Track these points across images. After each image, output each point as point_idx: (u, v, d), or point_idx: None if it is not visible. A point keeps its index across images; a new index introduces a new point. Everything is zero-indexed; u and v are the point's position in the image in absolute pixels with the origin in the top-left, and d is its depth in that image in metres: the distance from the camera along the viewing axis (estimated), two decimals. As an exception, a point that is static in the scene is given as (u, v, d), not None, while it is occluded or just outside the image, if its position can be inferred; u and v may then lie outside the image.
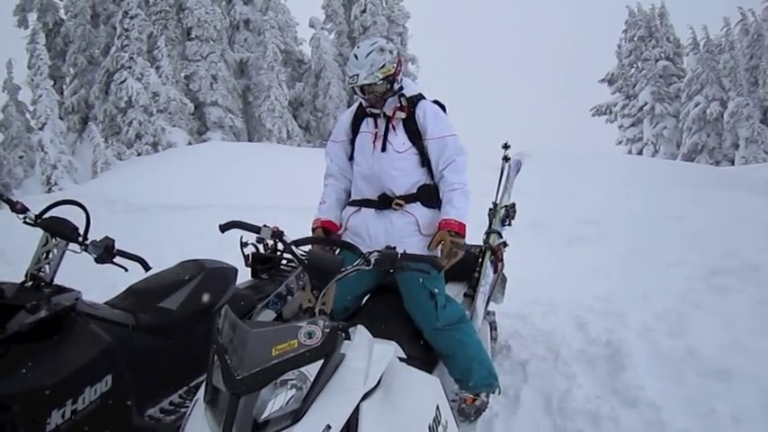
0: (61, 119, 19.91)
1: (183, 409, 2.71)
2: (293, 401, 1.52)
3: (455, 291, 3.54)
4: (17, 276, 2.52)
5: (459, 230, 2.64)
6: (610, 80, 31.44)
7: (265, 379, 1.50)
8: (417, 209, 2.80)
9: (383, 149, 2.77)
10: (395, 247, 2.03)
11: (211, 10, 22.89)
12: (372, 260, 1.96)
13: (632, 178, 10.70)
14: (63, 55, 23.18)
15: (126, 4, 20.04)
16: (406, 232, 2.75)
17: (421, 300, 2.66)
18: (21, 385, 2.05)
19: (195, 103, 22.34)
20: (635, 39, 29.88)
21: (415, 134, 2.79)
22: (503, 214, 3.88)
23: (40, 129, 17.79)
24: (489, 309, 3.74)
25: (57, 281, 2.53)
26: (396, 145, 2.78)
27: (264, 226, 2.12)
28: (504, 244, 3.85)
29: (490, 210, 3.91)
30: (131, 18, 20.00)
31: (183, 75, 22.95)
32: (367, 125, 2.85)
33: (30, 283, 2.45)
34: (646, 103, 28.91)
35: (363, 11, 26.38)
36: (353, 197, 2.93)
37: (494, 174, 4.19)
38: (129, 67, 19.76)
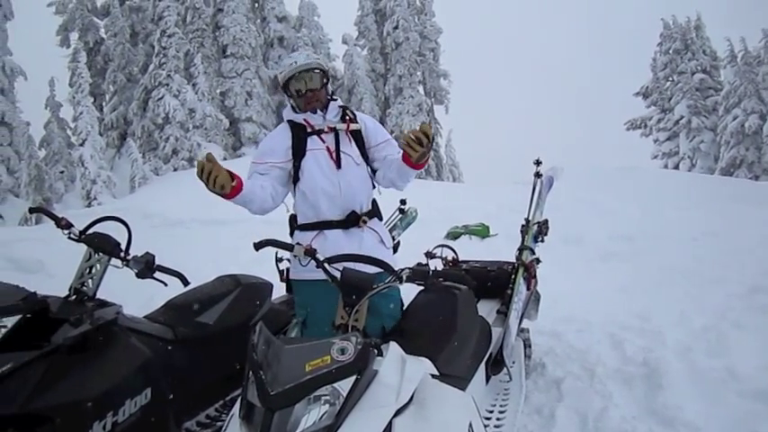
0: (101, 135, 20.45)
1: (219, 423, 2.75)
2: (326, 417, 1.53)
3: (488, 308, 3.54)
4: (58, 288, 2.60)
5: None
6: (645, 93, 31.03)
7: (299, 394, 1.51)
8: (377, 223, 2.79)
9: (339, 166, 2.66)
10: (427, 264, 2.04)
11: (246, 28, 23.35)
12: (404, 277, 1.98)
13: (668, 193, 10.56)
14: (103, 73, 23.86)
15: (164, 23, 20.58)
16: (375, 248, 2.67)
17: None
18: (63, 397, 2.09)
19: (230, 119, 22.75)
20: (670, 51, 29.49)
21: (362, 146, 2.75)
22: (535, 231, 3.87)
23: (81, 145, 18.28)
24: (523, 326, 3.72)
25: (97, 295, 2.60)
26: (354, 157, 2.71)
27: (298, 244, 2.15)
28: (537, 260, 3.83)
29: (523, 226, 3.90)
30: (169, 36, 20.53)
31: (218, 91, 23.40)
32: (314, 143, 2.69)
33: (73, 297, 2.52)
34: (682, 117, 28.44)
35: (396, 27, 26.61)
36: (309, 220, 2.71)
37: (525, 190, 4.18)
38: (167, 84, 20.25)
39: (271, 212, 2.70)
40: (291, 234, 2.81)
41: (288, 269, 3.27)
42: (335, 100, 2.79)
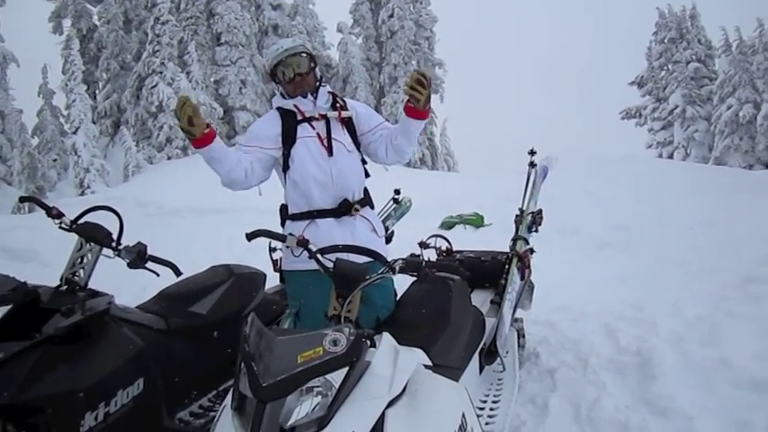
0: (94, 123, 20.28)
1: (212, 413, 2.75)
2: (319, 408, 1.53)
3: (482, 298, 3.54)
4: (52, 277, 2.59)
5: None
6: (639, 83, 30.99)
7: (291, 386, 1.51)
8: (369, 212, 2.78)
9: (330, 153, 2.64)
10: (419, 255, 2.04)
11: (241, 15, 23.16)
12: (397, 268, 1.97)
13: (662, 183, 10.56)
14: (96, 60, 23.65)
15: (157, 10, 20.40)
16: (368, 237, 2.67)
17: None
18: (55, 388, 2.09)
19: (224, 107, 22.61)
20: (665, 41, 29.43)
21: (353, 133, 2.75)
22: (529, 221, 3.87)
23: (74, 133, 18.15)
24: (517, 316, 3.72)
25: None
26: (346, 144, 2.70)
27: (290, 234, 2.14)
28: (531, 250, 3.83)
29: (517, 216, 3.89)
30: (162, 24, 20.35)
31: (212, 79, 23.24)
32: (305, 130, 2.67)
33: (65, 287, 2.51)
34: (676, 106, 28.42)
35: (391, 15, 26.45)
36: (300, 209, 2.69)
37: (520, 179, 4.17)
38: (161, 72, 20.10)
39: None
40: (283, 224, 2.79)
41: (281, 259, 3.26)
42: (324, 86, 2.78)
